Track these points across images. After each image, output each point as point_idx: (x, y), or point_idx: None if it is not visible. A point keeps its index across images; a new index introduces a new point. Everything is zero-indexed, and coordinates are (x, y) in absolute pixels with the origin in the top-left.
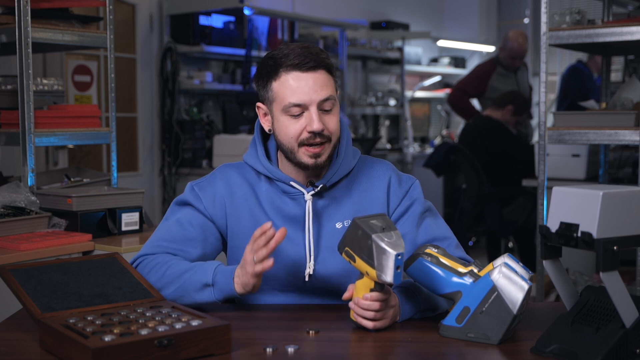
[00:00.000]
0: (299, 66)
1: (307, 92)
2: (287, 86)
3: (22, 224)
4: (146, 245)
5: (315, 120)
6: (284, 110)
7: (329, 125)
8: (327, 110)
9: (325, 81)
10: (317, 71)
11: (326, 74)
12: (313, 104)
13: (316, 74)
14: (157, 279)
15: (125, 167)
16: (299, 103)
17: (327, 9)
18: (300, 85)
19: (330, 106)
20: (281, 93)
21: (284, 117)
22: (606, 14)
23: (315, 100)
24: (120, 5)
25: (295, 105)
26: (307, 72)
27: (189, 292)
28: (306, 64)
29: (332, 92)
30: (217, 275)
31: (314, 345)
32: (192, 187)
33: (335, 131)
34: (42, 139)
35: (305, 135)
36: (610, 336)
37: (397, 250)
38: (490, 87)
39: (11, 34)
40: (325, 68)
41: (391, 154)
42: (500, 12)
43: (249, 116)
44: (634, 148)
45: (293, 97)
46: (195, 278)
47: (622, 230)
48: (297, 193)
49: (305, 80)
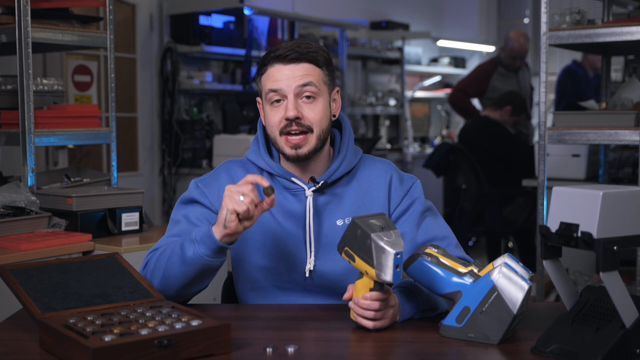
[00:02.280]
0: (281, 58)
1: (284, 79)
2: (270, 76)
3: (22, 224)
4: (157, 244)
5: (290, 107)
6: (266, 99)
7: (308, 114)
8: (309, 99)
9: (306, 71)
10: (299, 63)
11: (311, 65)
12: (290, 91)
13: (298, 65)
14: (156, 260)
15: (125, 167)
16: (275, 88)
17: (327, 9)
18: (281, 74)
19: (312, 94)
20: (265, 83)
21: (268, 107)
22: (606, 14)
23: (291, 86)
24: (120, 5)
25: (272, 91)
26: (289, 64)
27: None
28: (287, 55)
29: (313, 80)
30: (199, 232)
31: (314, 345)
32: (196, 184)
33: (317, 121)
34: (42, 139)
35: (283, 124)
36: (610, 336)
37: (396, 249)
38: (491, 87)
39: (11, 34)
40: (309, 61)
41: (391, 154)
42: (500, 12)
43: (249, 116)
44: (634, 148)
45: (272, 84)
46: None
47: (622, 230)
48: (298, 189)
49: (285, 70)
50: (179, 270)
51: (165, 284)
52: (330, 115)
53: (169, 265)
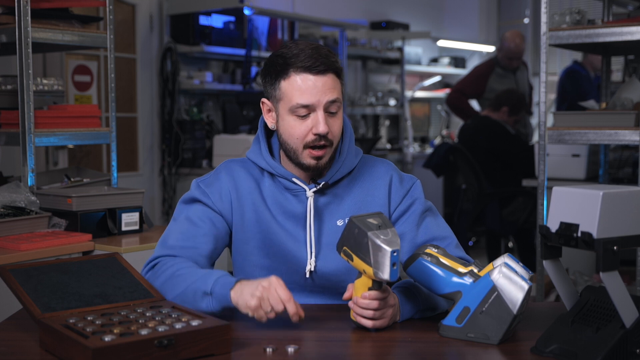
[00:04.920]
0: (310, 68)
1: (315, 94)
2: (296, 87)
3: (22, 224)
4: (159, 246)
5: (321, 122)
6: (291, 110)
7: (333, 129)
8: (333, 113)
9: (333, 84)
10: (326, 74)
11: (335, 77)
12: (320, 106)
13: (325, 77)
14: (164, 281)
15: (125, 167)
16: (307, 104)
17: (327, 9)
18: (309, 87)
19: (336, 109)
20: (289, 93)
21: (290, 117)
22: (606, 14)
23: (322, 102)
24: (120, 5)
25: (302, 107)
26: (317, 75)
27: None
28: (317, 66)
29: (338, 95)
30: (216, 285)
31: (314, 345)
32: (197, 184)
33: (337, 135)
34: (42, 139)
35: (310, 138)
36: (610, 336)
37: (392, 247)
38: (489, 88)
39: (11, 34)
40: (334, 71)
41: (391, 154)
42: (500, 12)
43: (249, 116)
44: (634, 148)
45: (301, 98)
46: (197, 286)
47: (622, 230)
48: (299, 190)
49: (315, 82)
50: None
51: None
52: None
53: (177, 300)
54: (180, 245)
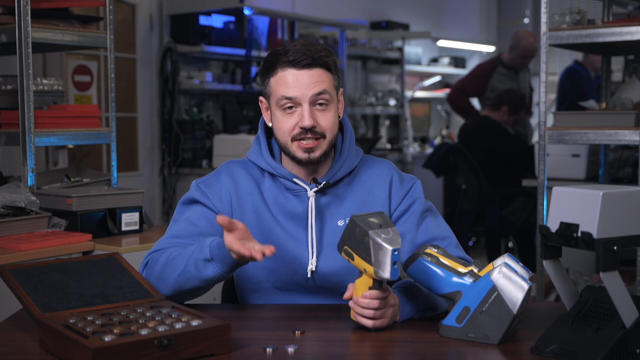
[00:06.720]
0: (294, 63)
1: (299, 87)
2: (282, 81)
3: (22, 224)
4: (157, 244)
5: (306, 116)
6: (278, 104)
7: (322, 122)
8: (322, 105)
9: (320, 77)
10: (312, 68)
11: (323, 71)
12: (305, 100)
13: (311, 71)
14: (160, 270)
15: (125, 167)
16: (290, 96)
17: (327, 9)
18: (293, 80)
19: (325, 101)
20: (276, 88)
21: (279, 112)
22: (606, 14)
23: (307, 95)
24: (120, 5)
25: (286, 98)
26: (302, 69)
27: (194, 273)
28: (301, 61)
29: (326, 88)
30: (213, 249)
31: (314, 345)
32: (197, 185)
33: (330, 128)
34: (42, 139)
35: (297, 131)
36: (610, 336)
37: (393, 245)
38: (491, 87)
39: (11, 34)
40: (322, 66)
41: (391, 154)
42: (500, 12)
43: (249, 116)
44: (634, 148)
45: (285, 91)
46: (196, 257)
47: (622, 230)
48: (300, 190)
49: (298, 76)
50: (191, 286)
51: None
52: (338, 119)
53: (180, 280)
54: (177, 242)
